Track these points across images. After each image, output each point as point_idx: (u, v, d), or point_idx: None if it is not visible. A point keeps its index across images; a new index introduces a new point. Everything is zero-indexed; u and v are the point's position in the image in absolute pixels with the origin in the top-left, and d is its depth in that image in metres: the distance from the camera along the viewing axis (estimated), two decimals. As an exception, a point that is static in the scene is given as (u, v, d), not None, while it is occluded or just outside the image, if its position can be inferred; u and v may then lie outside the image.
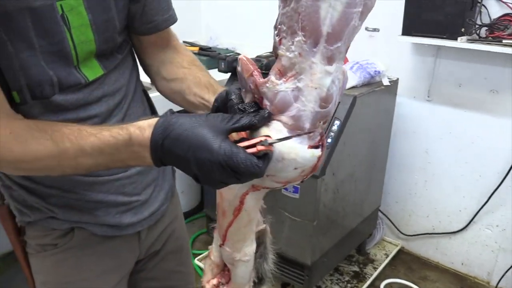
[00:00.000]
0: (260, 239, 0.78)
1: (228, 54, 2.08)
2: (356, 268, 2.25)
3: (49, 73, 0.70)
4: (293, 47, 0.53)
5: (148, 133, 0.59)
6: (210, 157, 0.54)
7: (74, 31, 0.71)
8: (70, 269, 0.88)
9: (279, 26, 0.54)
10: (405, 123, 2.18)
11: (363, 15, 0.51)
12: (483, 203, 2.02)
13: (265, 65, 1.94)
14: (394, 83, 2.01)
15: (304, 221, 1.76)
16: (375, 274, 2.19)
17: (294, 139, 0.57)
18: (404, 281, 2.15)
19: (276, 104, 0.56)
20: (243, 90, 0.64)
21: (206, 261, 0.81)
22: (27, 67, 0.68)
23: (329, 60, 0.53)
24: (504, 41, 1.66)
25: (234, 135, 0.60)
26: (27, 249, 0.89)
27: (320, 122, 0.57)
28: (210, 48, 2.62)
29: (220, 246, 0.73)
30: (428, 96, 2.07)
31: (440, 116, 2.07)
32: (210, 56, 2.47)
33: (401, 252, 2.39)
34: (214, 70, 2.25)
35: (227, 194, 0.67)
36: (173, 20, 0.90)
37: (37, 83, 0.70)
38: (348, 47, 0.55)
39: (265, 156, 0.55)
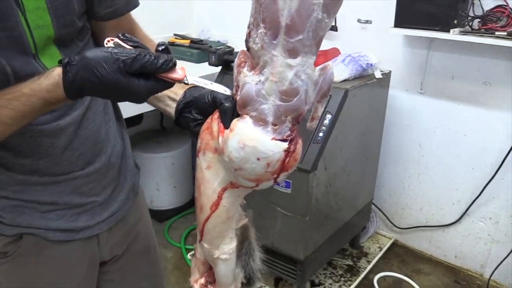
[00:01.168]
0: (243, 235, 0.77)
1: (218, 48, 2.05)
2: (349, 262, 2.25)
3: (1, 62, 0.66)
4: (257, 39, 0.53)
5: (61, 94, 0.60)
6: (132, 98, 0.60)
7: (30, 15, 0.67)
8: (23, 278, 0.84)
9: (250, 19, 0.54)
10: (398, 116, 2.16)
11: (328, 8, 0.49)
12: (476, 195, 2.02)
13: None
14: (387, 76, 1.99)
15: (297, 216, 1.75)
16: (369, 267, 2.19)
17: (258, 129, 0.57)
18: (398, 274, 2.15)
19: (242, 95, 0.57)
20: (235, 84, 0.63)
21: (192, 260, 0.80)
22: None
23: (291, 53, 0.52)
24: (496, 33, 1.65)
25: None
26: None
27: (286, 116, 0.56)
28: (202, 41, 2.59)
29: (199, 242, 0.72)
30: (421, 89, 2.06)
31: (433, 109, 2.06)
32: (201, 49, 2.44)
33: (394, 245, 2.39)
34: (204, 64, 2.23)
35: (206, 188, 0.66)
36: (134, 4, 0.86)
37: None
38: (319, 42, 0.54)
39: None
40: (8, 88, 0.62)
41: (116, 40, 0.62)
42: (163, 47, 0.62)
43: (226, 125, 0.61)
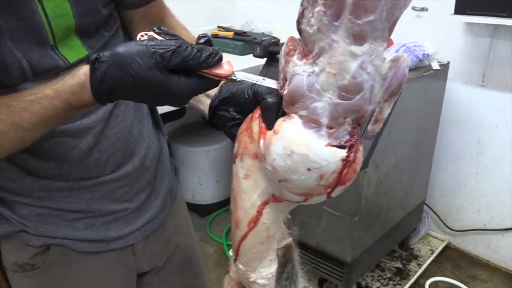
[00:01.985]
0: (286, 256, 0.66)
1: (264, 39, 1.97)
2: (398, 264, 2.13)
3: (17, 55, 0.59)
4: (312, 20, 0.42)
5: (87, 97, 0.53)
6: (171, 101, 0.53)
7: (47, 3, 0.60)
8: None
9: None
10: (456, 111, 2.01)
11: None
12: (542, 198, 1.85)
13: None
14: (445, 67, 1.84)
15: (345, 216, 1.65)
16: (420, 271, 2.06)
17: (310, 132, 0.46)
18: (452, 280, 2.01)
19: (290, 90, 0.47)
20: (281, 76, 0.54)
21: (226, 277, 0.72)
22: None
23: (357, 38, 0.41)
24: None
25: None
26: (3, 264, 0.79)
27: (345, 117, 0.46)
28: (246, 32, 2.52)
29: (234, 261, 0.63)
30: (482, 81, 1.89)
31: (496, 103, 1.89)
32: (245, 41, 2.37)
33: (447, 248, 2.24)
34: (249, 56, 2.16)
35: (243, 201, 0.56)
36: None
37: (1, 68, 0.59)
38: (392, 25, 0.43)
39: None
40: (30, 88, 0.56)
41: (151, 33, 0.54)
42: (204, 39, 0.53)
43: (269, 125, 0.51)
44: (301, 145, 0.46)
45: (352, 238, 1.69)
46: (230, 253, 2.17)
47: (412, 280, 2.01)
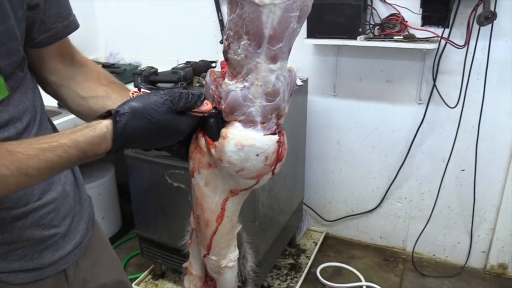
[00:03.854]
0: (239, 241, 0.80)
1: (143, 69, 2.03)
2: (291, 261, 2.37)
3: None
4: (239, 50, 0.58)
5: (104, 147, 0.60)
6: (175, 138, 0.65)
7: None
8: None
9: (227, 32, 0.59)
10: (317, 118, 2.36)
11: (300, 19, 0.58)
12: (391, 180, 2.29)
13: (182, 76, 1.95)
14: (305, 83, 2.17)
15: (246, 223, 1.80)
16: (309, 262, 2.33)
17: (249, 129, 0.63)
18: (336, 263, 2.33)
19: (228, 103, 0.62)
20: (211, 100, 0.68)
21: (186, 278, 0.81)
22: None
23: (273, 59, 0.58)
24: (395, 37, 1.91)
25: None
26: None
27: (271, 114, 0.63)
28: (113, 64, 2.52)
29: (204, 256, 0.75)
30: (334, 92, 2.27)
31: (346, 108, 2.29)
32: (115, 72, 2.37)
33: (327, 237, 2.57)
34: (129, 85, 2.18)
35: (208, 204, 0.69)
36: (75, 26, 0.83)
37: None
38: (291, 48, 0.62)
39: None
40: (44, 137, 0.60)
41: (143, 89, 0.67)
42: (184, 84, 0.67)
43: (214, 138, 0.65)
44: (247, 139, 0.62)
45: (255, 243, 1.84)
46: (135, 287, 2.12)
47: (305, 271, 2.26)
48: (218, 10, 2.31)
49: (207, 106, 0.65)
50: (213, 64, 2.17)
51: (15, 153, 0.56)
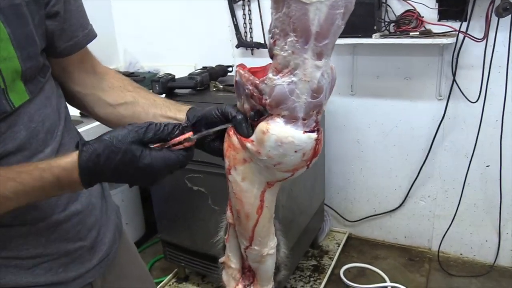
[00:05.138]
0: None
1: (160, 76, 2.07)
2: (314, 262, 2.35)
3: None
4: (286, 47, 0.60)
5: (76, 175, 0.61)
6: (147, 175, 0.62)
7: None
8: None
9: (273, 30, 0.61)
10: (335, 118, 2.34)
11: (345, 16, 0.58)
12: (413, 179, 2.25)
13: (199, 81, 1.98)
14: (322, 83, 2.16)
15: (266, 225, 1.81)
16: (333, 263, 2.31)
17: (289, 126, 0.63)
18: (360, 264, 2.30)
19: (274, 97, 0.63)
20: (241, 98, 0.69)
21: (224, 273, 0.83)
22: None
23: (319, 55, 0.59)
24: (411, 33, 1.89)
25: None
26: None
27: (313, 111, 0.63)
28: (133, 73, 2.58)
29: (247, 248, 0.76)
30: (352, 91, 2.26)
31: (365, 107, 2.27)
32: (136, 81, 2.42)
33: (350, 238, 2.55)
34: (147, 94, 2.23)
35: (247, 198, 0.70)
36: (93, 35, 0.85)
37: None
38: (334, 45, 0.62)
39: (188, 149, 0.65)
40: (25, 164, 0.62)
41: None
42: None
43: (244, 134, 0.67)
44: (287, 136, 0.62)
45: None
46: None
47: (329, 272, 2.25)
48: (233, 15, 2.33)
49: (187, 133, 0.65)
50: (229, 69, 2.19)
51: None
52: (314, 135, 0.64)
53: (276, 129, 0.63)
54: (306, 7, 0.56)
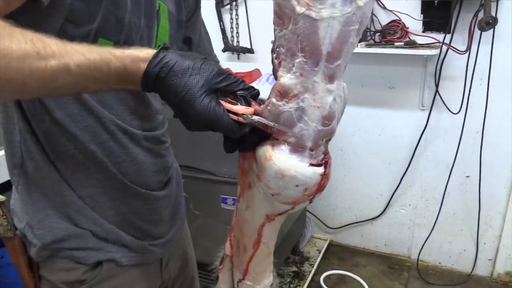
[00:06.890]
0: None
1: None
2: (294, 268, 2.35)
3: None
4: (294, 68, 0.53)
5: (142, 68, 0.56)
6: (195, 114, 0.55)
7: (160, 29, 0.78)
8: None
9: (277, 49, 0.54)
10: (319, 125, 2.34)
11: (359, 32, 0.52)
12: (395, 187, 2.27)
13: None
14: (307, 90, 2.16)
15: (248, 231, 1.80)
16: (313, 270, 2.31)
17: (294, 156, 0.56)
18: (340, 271, 2.31)
19: (282, 124, 0.56)
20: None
21: None
22: None
23: (330, 78, 0.53)
24: (396, 43, 1.91)
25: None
26: (41, 287, 0.82)
27: (323, 140, 0.57)
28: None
29: (239, 281, 0.74)
30: (336, 98, 2.26)
31: (349, 115, 2.27)
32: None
33: (331, 245, 2.55)
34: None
35: (246, 229, 0.68)
36: (216, 62, 0.99)
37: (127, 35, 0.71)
38: (346, 65, 0.55)
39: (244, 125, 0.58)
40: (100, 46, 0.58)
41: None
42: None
43: (244, 149, 0.62)
44: (290, 169, 0.56)
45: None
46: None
47: (309, 279, 2.24)
48: (220, 19, 2.32)
49: (246, 110, 0.57)
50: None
51: (66, 45, 0.55)
52: (320, 170, 0.58)
53: (279, 158, 0.57)
54: (316, 23, 0.49)
